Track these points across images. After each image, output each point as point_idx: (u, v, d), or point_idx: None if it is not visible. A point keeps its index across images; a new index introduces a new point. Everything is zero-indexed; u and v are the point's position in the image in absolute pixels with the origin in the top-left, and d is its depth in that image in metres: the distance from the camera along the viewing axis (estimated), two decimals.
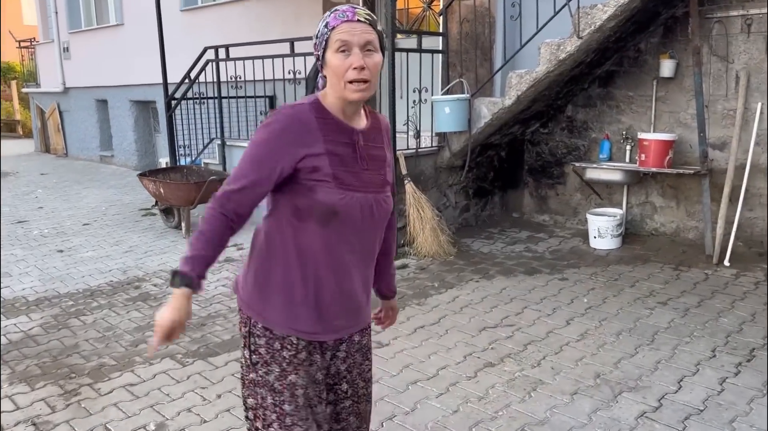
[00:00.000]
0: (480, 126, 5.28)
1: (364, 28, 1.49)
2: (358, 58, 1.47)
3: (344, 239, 1.57)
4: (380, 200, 1.60)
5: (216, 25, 8.79)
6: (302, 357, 1.63)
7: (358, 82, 1.48)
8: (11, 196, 8.84)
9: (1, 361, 3.49)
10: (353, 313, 1.69)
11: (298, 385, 1.62)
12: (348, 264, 1.61)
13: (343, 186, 1.53)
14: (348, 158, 1.55)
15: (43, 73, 13.89)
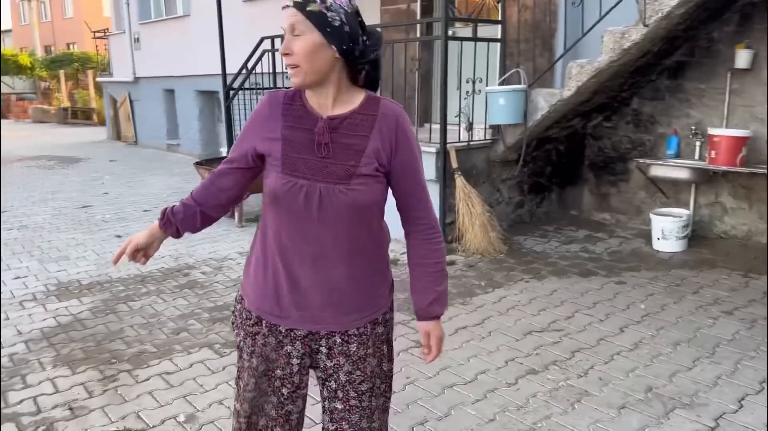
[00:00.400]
0: (536, 118, 5.05)
1: (289, 12, 1.46)
2: (284, 45, 1.47)
3: (292, 227, 1.55)
4: (333, 191, 1.50)
5: (276, 15, 8.81)
6: (255, 330, 1.66)
7: (288, 66, 1.48)
8: (80, 181, 9.21)
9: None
10: (322, 308, 1.60)
11: (254, 358, 1.67)
12: (295, 253, 1.57)
13: (289, 171, 1.52)
14: (304, 144, 1.53)
15: (115, 63, 14.43)
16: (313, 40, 1.44)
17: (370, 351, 1.66)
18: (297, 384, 1.68)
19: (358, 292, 1.61)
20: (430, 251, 1.64)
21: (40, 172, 10.17)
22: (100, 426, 2.71)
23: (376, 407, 1.71)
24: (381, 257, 1.66)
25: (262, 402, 1.71)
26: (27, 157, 11.98)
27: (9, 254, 5.38)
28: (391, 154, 1.54)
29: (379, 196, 1.55)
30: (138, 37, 12.82)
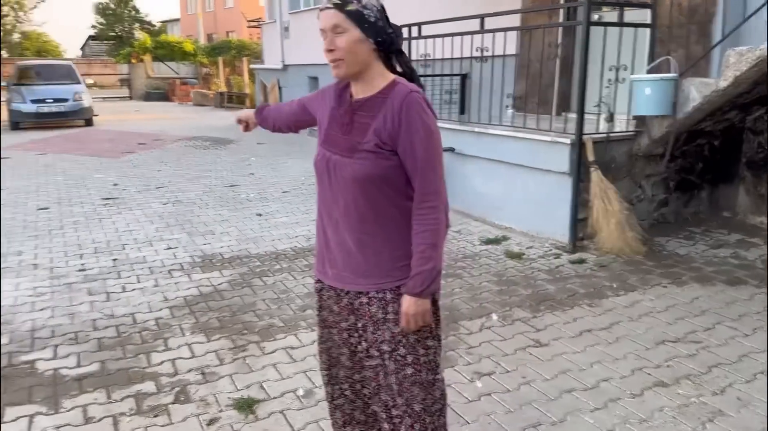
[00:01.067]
0: (687, 110, 4.64)
1: (330, 13, 1.65)
2: (326, 42, 1.68)
3: (325, 194, 1.83)
4: (341, 162, 1.73)
5: (418, 3, 8.87)
6: (317, 295, 1.98)
7: (332, 62, 1.69)
8: (230, 161, 9.92)
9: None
10: (343, 268, 1.83)
11: (321, 312, 1.98)
12: (334, 219, 1.82)
13: (325, 145, 1.81)
14: (339, 122, 1.79)
15: (267, 51, 15.31)
16: (355, 36, 1.64)
17: (390, 317, 1.80)
18: (345, 346, 1.94)
19: (368, 258, 1.78)
20: (417, 232, 1.72)
21: (196, 152, 11.08)
22: (227, 392, 2.92)
23: (400, 373, 1.82)
24: (398, 230, 1.75)
25: (336, 354, 1.97)
26: (185, 137, 13.09)
27: (164, 226, 5.93)
28: (395, 133, 1.67)
29: (382, 171, 1.69)
30: (287, 26, 13.50)
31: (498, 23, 5.54)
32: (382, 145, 1.68)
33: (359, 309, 1.85)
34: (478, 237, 5.38)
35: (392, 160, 1.69)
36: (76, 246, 5.29)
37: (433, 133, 1.69)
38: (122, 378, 3.04)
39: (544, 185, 5.14)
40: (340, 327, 1.93)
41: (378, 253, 1.77)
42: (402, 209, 1.74)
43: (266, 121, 2.26)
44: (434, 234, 1.71)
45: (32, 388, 2.95)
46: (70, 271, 4.63)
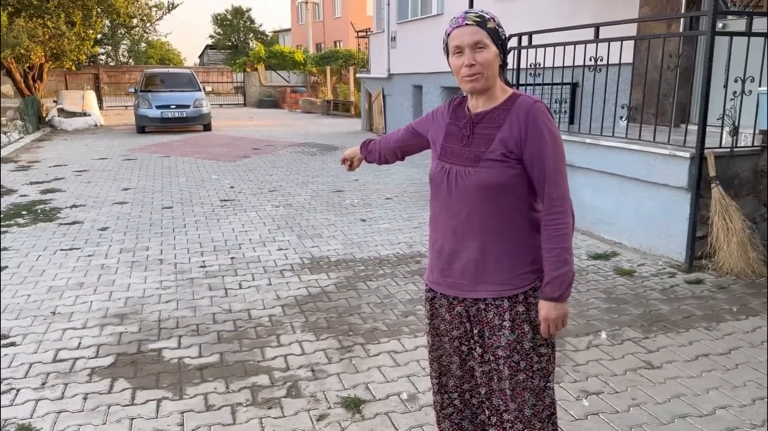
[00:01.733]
0: None
1: (472, 30, 1.74)
2: (468, 57, 1.74)
3: (440, 204, 1.89)
4: (465, 172, 1.80)
5: (528, 12, 8.78)
6: (429, 296, 2.02)
7: (470, 76, 1.75)
8: (335, 167, 10.24)
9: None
10: (460, 276, 1.88)
11: (433, 321, 2.02)
12: (443, 226, 1.90)
13: (442, 158, 1.89)
14: (457, 137, 1.87)
15: (373, 60, 15.65)
16: (493, 52, 1.74)
17: (507, 324, 1.85)
18: (465, 352, 1.99)
19: (488, 265, 1.83)
20: (550, 237, 1.77)
21: (305, 157, 11.53)
22: (335, 390, 3.04)
23: (513, 378, 1.87)
24: (518, 238, 1.82)
25: (447, 362, 2.03)
26: (295, 143, 13.65)
27: (275, 228, 6.24)
28: (521, 142, 1.75)
29: (507, 179, 1.76)
30: (395, 36, 13.74)
31: (612, 32, 5.38)
32: (509, 153, 1.76)
33: (476, 316, 1.91)
34: (585, 252, 5.24)
35: (517, 168, 1.76)
36: (197, 244, 5.68)
37: (558, 140, 1.78)
38: (239, 370, 3.25)
39: (659, 200, 4.93)
40: (451, 336, 1.99)
41: (498, 260, 1.83)
42: (523, 217, 1.81)
43: (372, 154, 2.29)
44: (567, 238, 1.77)
45: (160, 374, 3.22)
46: (193, 267, 4.99)
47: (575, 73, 6.04)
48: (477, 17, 1.75)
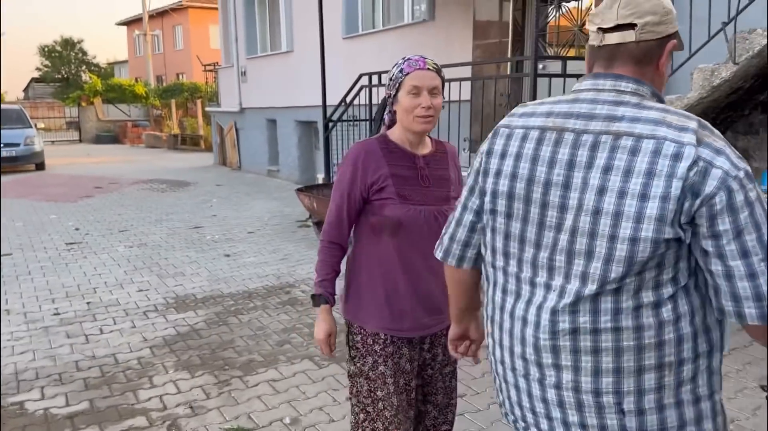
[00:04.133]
0: None
1: (432, 75, 1.88)
2: (426, 99, 1.86)
3: (414, 246, 1.91)
4: (441, 211, 1.91)
5: (373, 51, 9.34)
6: (390, 350, 1.98)
7: (425, 117, 1.87)
8: (190, 203, 10.03)
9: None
10: (433, 312, 1.99)
11: (387, 374, 1.97)
12: (421, 268, 1.93)
13: (407, 201, 1.90)
14: (411, 178, 1.93)
15: (223, 94, 15.54)
16: (441, 100, 1.90)
17: (445, 341, 2.00)
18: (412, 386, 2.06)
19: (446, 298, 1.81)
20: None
21: (154, 194, 11.13)
22: (218, 423, 3.09)
23: (450, 385, 2.15)
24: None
25: (402, 419, 2.01)
26: (142, 180, 13.11)
27: (131, 269, 6.03)
28: (457, 183, 2.02)
29: None
30: (245, 71, 13.80)
31: (451, 73, 5.98)
32: (457, 194, 1.95)
33: (434, 341, 2.06)
34: None
35: None
36: (47, 290, 5.34)
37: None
38: (113, 415, 3.18)
39: None
40: (406, 375, 2.01)
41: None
42: None
43: (334, 277, 2.01)
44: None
45: (26, 428, 3.06)
46: (45, 315, 4.71)
47: None
48: (434, 65, 1.89)
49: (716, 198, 1.11)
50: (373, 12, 9.92)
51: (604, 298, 1.20)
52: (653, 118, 1.18)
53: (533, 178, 1.28)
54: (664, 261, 1.17)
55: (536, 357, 1.29)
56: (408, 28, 8.82)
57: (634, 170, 1.16)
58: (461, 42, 7.70)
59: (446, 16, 8.10)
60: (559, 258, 1.25)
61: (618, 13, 1.25)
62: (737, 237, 1.12)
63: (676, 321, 1.19)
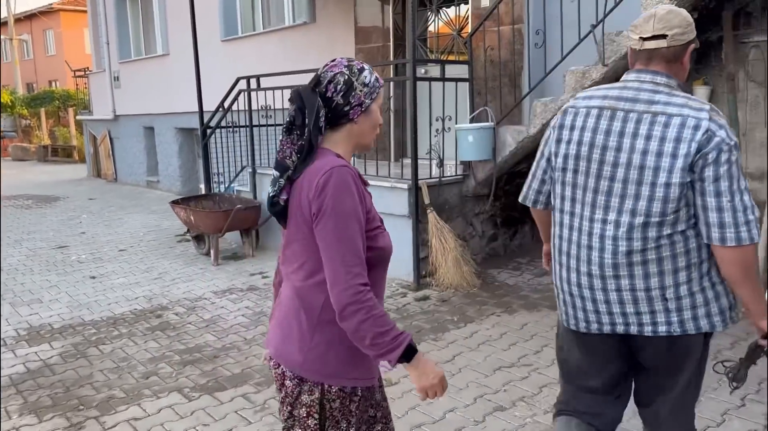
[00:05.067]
0: (505, 155, 5.16)
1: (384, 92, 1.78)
2: (380, 117, 1.72)
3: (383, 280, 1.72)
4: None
5: (254, 54, 8.98)
6: (364, 403, 1.70)
7: (375, 136, 1.73)
8: (57, 220, 9.17)
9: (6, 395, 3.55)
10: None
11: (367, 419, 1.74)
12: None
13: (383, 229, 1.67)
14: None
15: (95, 101, 14.48)
16: None
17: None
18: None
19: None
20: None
21: (17, 212, 10.11)
22: None
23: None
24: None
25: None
26: (5, 196, 11.90)
27: None
28: None
29: None
30: (117, 76, 12.92)
31: None
32: None
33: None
34: None
35: None
36: None
37: None
38: None
39: (389, 228, 5.38)
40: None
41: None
42: None
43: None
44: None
45: None
46: None
47: None
48: None
49: (710, 154, 1.69)
50: (253, 14, 9.55)
51: (650, 227, 1.77)
52: (680, 102, 1.75)
53: (594, 143, 1.83)
54: (689, 199, 1.75)
55: (600, 272, 1.85)
56: (289, 31, 8.55)
57: (668, 137, 1.73)
58: (344, 45, 7.53)
59: (327, 19, 7.91)
60: (613, 200, 1.81)
61: (654, 27, 1.79)
62: (714, 182, 1.70)
63: (696, 236, 1.79)
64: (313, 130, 1.56)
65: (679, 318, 1.83)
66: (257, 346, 4.09)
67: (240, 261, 6.36)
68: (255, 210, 6.33)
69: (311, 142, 1.56)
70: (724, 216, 1.71)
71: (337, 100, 1.58)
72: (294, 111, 1.57)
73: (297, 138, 1.57)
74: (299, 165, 1.57)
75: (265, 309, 4.83)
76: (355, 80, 1.59)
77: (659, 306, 1.83)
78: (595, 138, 1.84)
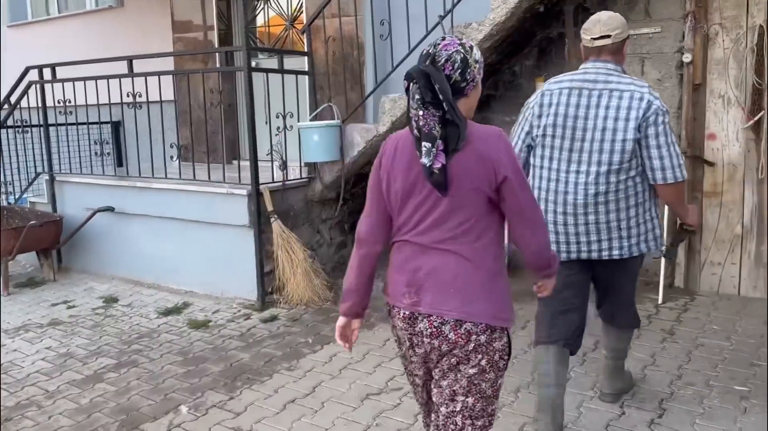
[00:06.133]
0: (353, 155, 4.76)
1: None
2: None
3: None
4: None
5: (50, 41, 7.68)
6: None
7: None
8: None
9: None
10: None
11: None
12: None
13: None
14: None
15: None
16: None
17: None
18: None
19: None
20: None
21: None
22: None
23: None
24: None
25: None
26: None
27: None
28: None
29: None
30: None
31: (150, 66, 4.97)
32: None
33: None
34: (154, 309, 4.66)
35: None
36: None
37: None
38: None
39: (224, 240, 4.72)
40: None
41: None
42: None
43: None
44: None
45: None
46: None
47: (116, 111, 5.40)
48: None
49: (650, 117, 2.37)
50: None
51: (611, 174, 2.41)
52: (628, 81, 2.43)
53: (567, 114, 2.44)
54: (636, 154, 2.41)
55: (574, 210, 2.47)
56: (92, 16, 7.41)
57: (622, 106, 2.39)
58: (159, 33, 6.65)
59: (137, 3, 6.95)
60: (584, 155, 2.43)
61: (600, 30, 2.44)
62: (656, 137, 2.38)
63: (642, 182, 2.47)
64: (452, 102, 1.63)
65: (628, 244, 2.52)
66: (64, 400, 3.25)
67: (38, 289, 5.26)
68: (54, 225, 5.27)
69: (456, 112, 1.64)
70: (664, 162, 2.39)
71: (455, 77, 1.67)
72: (421, 89, 1.63)
73: (435, 111, 1.63)
74: (452, 136, 1.64)
75: (73, 349, 3.93)
76: (469, 57, 1.69)
77: (615, 235, 2.49)
78: (567, 110, 2.43)
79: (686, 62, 4.27)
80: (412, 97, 1.65)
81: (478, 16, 4.15)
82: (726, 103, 4.30)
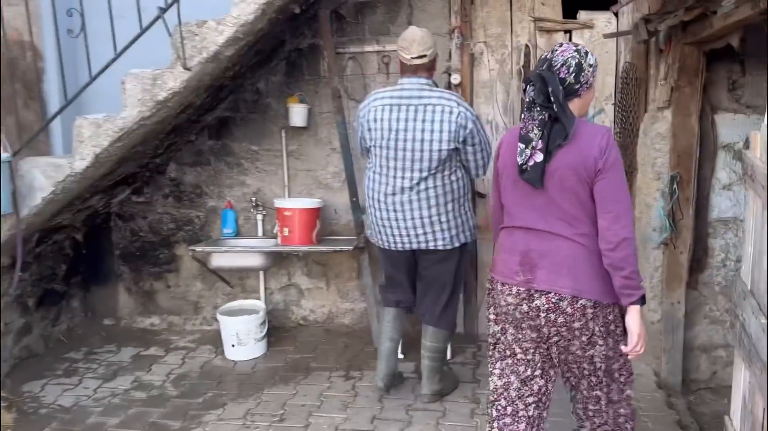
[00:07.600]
0: (36, 203, 3.24)
1: None
2: None
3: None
4: None
5: None
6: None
7: None
8: None
9: None
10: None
11: None
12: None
13: None
14: None
15: None
16: None
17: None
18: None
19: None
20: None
21: None
22: None
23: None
24: None
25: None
26: None
27: None
28: None
29: None
30: None
31: None
32: None
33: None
34: None
35: None
36: None
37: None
38: None
39: None
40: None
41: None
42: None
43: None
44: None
45: None
46: None
47: None
48: None
49: (463, 124, 2.89)
50: None
51: (429, 177, 2.92)
52: (438, 95, 2.92)
53: (391, 128, 2.92)
54: (452, 158, 2.95)
55: (400, 207, 2.97)
56: None
57: (436, 119, 2.87)
58: None
59: None
60: (406, 163, 2.92)
61: (418, 50, 2.90)
62: (472, 145, 2.96)
63: (459, 179, 3.02)
64: (563, 103, 1.91)
65: (449, 235, 3.01)
66: None
67: None
68: None
69: (565, 113, 1.93)
70: (478, 161, 3.02)
71: (570, 80, 1.96)
72: (535, 92, 1.93)
73: (537, 114, 1.94)
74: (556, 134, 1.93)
75: None
76: (584, 62, 1.97)
77: (436, 228, 2.98)
78: (390, 125, 2.91)
79: (454, 84, 3.80)
80: (526, 98, 1.95)
81: (215, 12, 3.07)
82: (494, 129, 3.94)
